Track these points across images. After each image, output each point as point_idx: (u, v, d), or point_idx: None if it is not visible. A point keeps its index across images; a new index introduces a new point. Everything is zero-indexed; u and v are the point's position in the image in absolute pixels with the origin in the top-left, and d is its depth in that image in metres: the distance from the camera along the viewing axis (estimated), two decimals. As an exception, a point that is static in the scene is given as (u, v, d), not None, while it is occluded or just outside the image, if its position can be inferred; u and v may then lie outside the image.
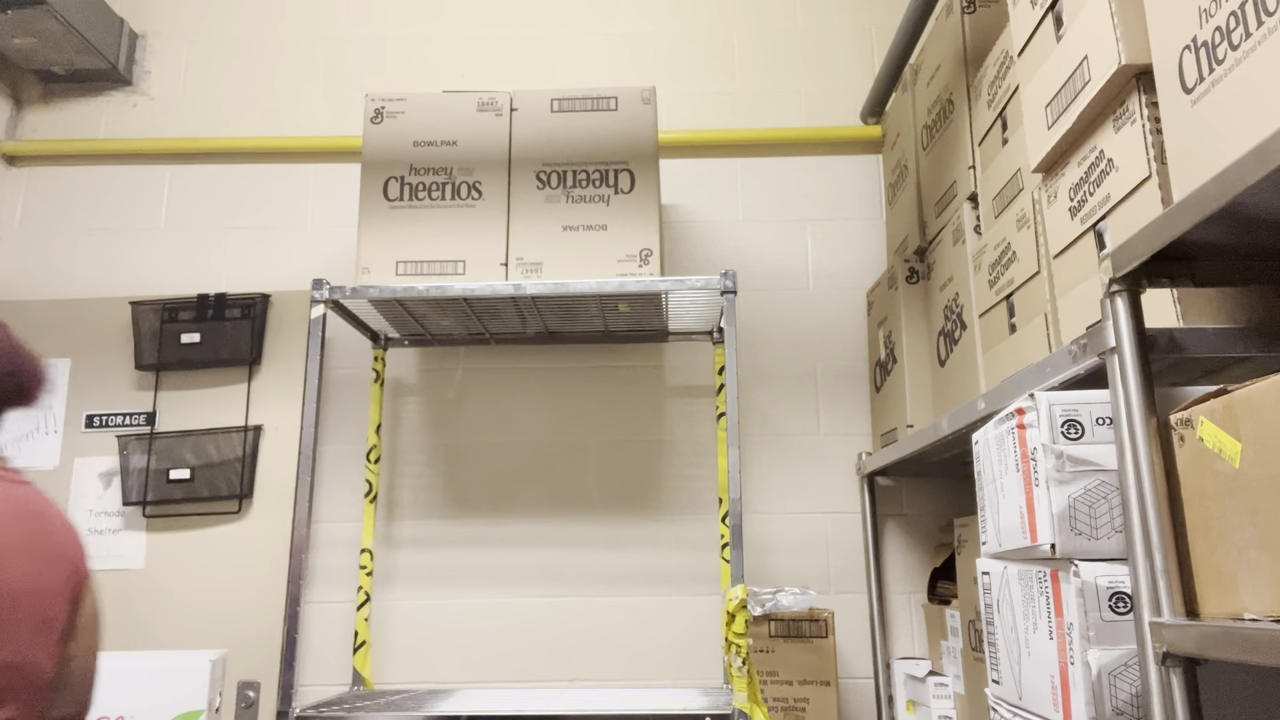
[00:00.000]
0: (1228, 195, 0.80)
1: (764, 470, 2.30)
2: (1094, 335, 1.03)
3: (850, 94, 2.50)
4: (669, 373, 2.37)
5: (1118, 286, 0.98)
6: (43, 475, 2.33)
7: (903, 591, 2.22)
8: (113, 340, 2.41)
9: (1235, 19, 0.84)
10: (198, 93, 2.60)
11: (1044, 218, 1.36)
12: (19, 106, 2.59)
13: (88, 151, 2.53)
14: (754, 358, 2.36)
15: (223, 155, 2.54)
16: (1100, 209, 1.16)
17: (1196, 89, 0.91)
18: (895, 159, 2.25)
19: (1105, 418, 1.05)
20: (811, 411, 2.34)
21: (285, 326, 2.41)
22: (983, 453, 1.26)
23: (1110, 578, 0.99)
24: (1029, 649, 1.12)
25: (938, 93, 1.90)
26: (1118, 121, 1.12)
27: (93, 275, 2.46)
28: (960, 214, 1.74)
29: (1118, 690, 0.97)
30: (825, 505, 2.28)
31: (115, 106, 2.59)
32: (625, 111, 2.07)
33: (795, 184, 2.48)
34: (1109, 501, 1.02)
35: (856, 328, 2.37)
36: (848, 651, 2.17)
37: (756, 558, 2.22)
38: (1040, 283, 1.37)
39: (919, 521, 2.26)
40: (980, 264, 1.63)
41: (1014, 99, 1.50)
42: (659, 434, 2.33)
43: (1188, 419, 0.91)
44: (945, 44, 1.87)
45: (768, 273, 2.41)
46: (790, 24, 2.59)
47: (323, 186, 2.51)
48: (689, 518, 2.27)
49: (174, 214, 2.51)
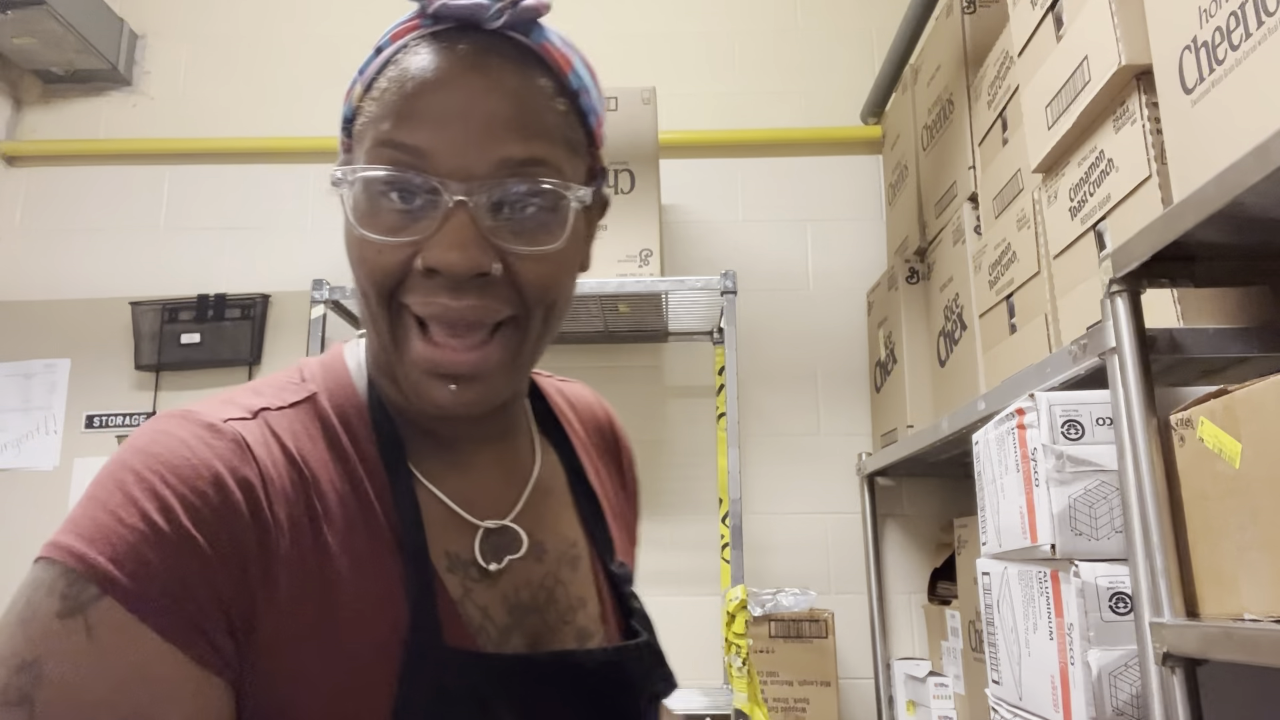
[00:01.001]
0: (1228, 195, 0.80)
1: (764, 470, 2.30)
2: (1094, 335, 1.03)
3: (850, 94, 2.50)
4: (669, 373, 2.37)
5: (1118, 287, 0.97)
6: (42, 476, 2.33)
7: (903, 591, 2.22)
8: (113, 340, 2.41)
9: (1235, 19, 0.84)
10: (197, 93, 2.60)
11: (1044, 218, 1.36)
12: (19, 106, 2.59)
13: (88, 151, 2.53)
14: (754, 358, 2.36)
15: (223, 155, 2.53)
16: (1100, 209, 1.16)
17: (1197, 89, 0.91)
18: (895, 159, 2.25)
19: (1105, 418, 1.05)
20: (811, 411, 2.34)
21: (285, 326, 2.41)
22: (983, 453, 1.26)
23: (1110, 578, 0.99)
24: (1029, 649, 1.12)
25: (938, 93, 1.90)
26: (1118, 122, 1.12)
27: (93, 275, 2.46)
28: (960, 214, 1.74)
29: (1118, 691, 0.97)
30: (825, 505, 2.28)
31: (115, 106, 2.59)
32: (625, 111, 2.07)
33: (795, 184, 2.48)
34: (1109, 502, 1.02)
35: (856, 328, 2.37)
36: (848, 652, 2.17)
37: (756, 558, 2.22)
38: (1040, 283, 1.37)
39: (919, 521, 2.26)
40: (980, 264, 1.63)
41: (1014, 99, 1.50)
42: (659, 434, 2.32)
43: (1188, 419, 0.91)
44: (945, 44, 1.87)
45: (768, 273, 2.41)
46: (790, 24, 2.59)
47: (323, 186, 2.51)
48: (689, 518, 2.27)
49: (173, 214, 2.51)
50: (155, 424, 0.57)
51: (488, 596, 0.63)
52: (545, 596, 0.66)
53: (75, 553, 0.51)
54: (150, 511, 0.52)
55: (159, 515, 0.52)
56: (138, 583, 0.50)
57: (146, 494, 0.52)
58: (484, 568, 0.64)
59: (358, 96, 0.63)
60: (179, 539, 0.52)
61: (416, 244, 0.57)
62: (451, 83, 0.58)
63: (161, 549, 0.51)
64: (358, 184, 0.59)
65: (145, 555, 0.51)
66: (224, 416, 0.58)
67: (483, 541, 0.65)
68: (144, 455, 0.54)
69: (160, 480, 0.53)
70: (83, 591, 0.49)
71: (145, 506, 0.52)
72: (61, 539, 0.52)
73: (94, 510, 0.52)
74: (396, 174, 0.57)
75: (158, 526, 0.51)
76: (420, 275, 0.58)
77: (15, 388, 2.38)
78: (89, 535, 0.51)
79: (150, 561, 0.51)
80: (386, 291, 0.59)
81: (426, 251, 0.57)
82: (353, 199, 0.59)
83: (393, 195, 0.58)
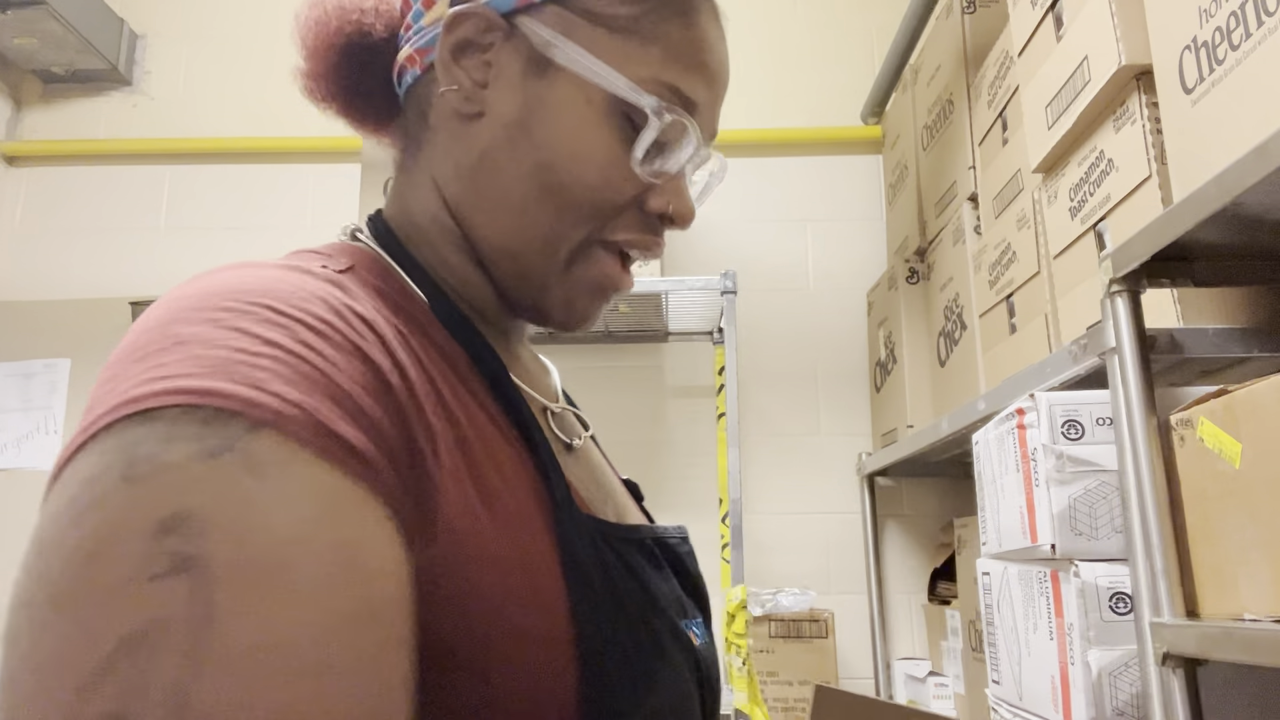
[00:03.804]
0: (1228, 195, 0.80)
1: (764, 470, 2.30)
2: (1094, 335, 1.03)
3: (850, 94, 2.50)
4: (669, 373, 2.37)
5: (1118, 287, 0.97)
6: (42, 476, 2.33)
7: (903, 591, 2.22)
8: (113, 340, 2.39)
9: (1235, 19, 0.84)
10: (197, 93, 2.60)
11: (1044, 218, 1.36)
12: (19, 106, 2.59)
13: (88, 151, 2.53)
14: (754, 358, 2.36)
15: (223, 155, 2.53)
16: (1100, 209, 1.16)
17: (1197, 89, 0.91)
18: (895, 159, 2.25)
19: (1105, 418, 1.05)
20: (811, 411, 2.34)
21: (285, 326, 2.41)
22: (983, 453, 1.26)
23: (1110, 578, 0.99)
24: (1029, 649, 1.12)
25: (938, 93, 1.90)
26: (1118, 122, 1.12)
27: (93, 275, 2.46)
28: (960, 214, 1.74)
29: (1118, 691, 0.97)
30: (825, 505, 2.28)
31: (115, 106, 2.59)
32: (625, 111, 2.06)
33: (795, 184, 2.48)
34: (1109, 502, 1.02)
35: (856, 328, 2.37)
36: (848, 651, 2.17)
37: (756, 558, 2.22)
38: (1040, 283, 1.37)
39: (919, 521, 2.26)
40: (980, 264, 1.63)
41: (1014, 99, 1.50)
42: (659, 434, 2.32)
43: (1188, 419, 0.91)
44: (945, 44, 1.87)
45: (768, 273, 2.41)
46: (790, 24, 2.59)
47: (323, 186, 2.51)
48: (689, 518, 2.27)
49: (174, 214, 2.51)
50: (210, 275, 0.44)
51: (576, 472, 0.62)
52: (604, 478, 0.67)
53: (190, 389, 0.37)
54: (279, 339, 0.40)
55: (290, 340, 0.40)
56: (302, 412, 0.38)
57: (262, 323, 0.40)
58: (568, 443, 0.64)
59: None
60: (330, 364, 0.41)
61: (650, 187, 0.59)
62: (720, 47, 0.62)
63: (312, 378, 0.39)
64: (666, 118, 0.57)
65: (297, 383, 0.39)
66: (299, 265, 0.48)
67: (552, 422, 0.65)
68: (228, 293, 0.42)
69: (271, 311, 0.41)
70: (225, 428, 0.36)
71: (267, 334, 0.40)
72: (149, 387, 0.37)
73: (179, 355, 0.38)
74: (696, 135, 0.59)
75: (295, 352, 0.40)
76: (638, 212, 0.59)
77: (15, 388, 2.38)
78: (196, 372, 0.37)
79: (306, 390, 0.39)
80: (604, 216, 0.58)
81: (675, 200, 0.60)
82: (651, 129, 0.57)
83: (680, 143, 0.59)
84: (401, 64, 0.63)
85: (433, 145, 0.61)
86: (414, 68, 0.61)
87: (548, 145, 0.56)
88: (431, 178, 0.61)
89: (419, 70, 0.61)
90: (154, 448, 0.35)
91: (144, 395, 0.37)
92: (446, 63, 0.58)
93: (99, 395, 0.39)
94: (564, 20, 0.57)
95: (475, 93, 0.58)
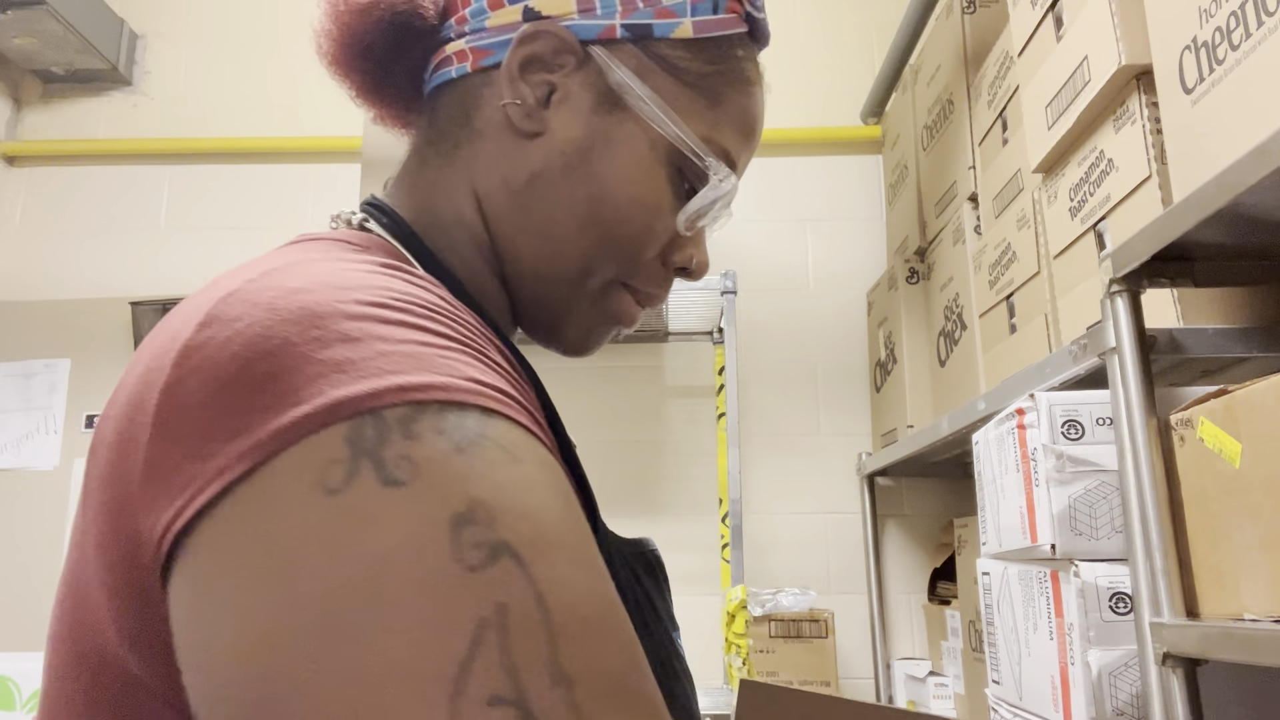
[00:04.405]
0: (1228, 195, 0.80)
1: (764, 470, 2.30)
2: (1094, 335, 1.03)
3: (850, 94, 2.50)
4: (669, 373, 2.37)
5: (1118, 287, 0.98)
6: (42, 476, 2.33)
7: (903, 591, 2.22)
8: (113, 340, 2.41)
9: (1235, 19, 0.84)
10: (197, 93, 2.60)
11: (1044, 218, 1.36)
12: (19, 106, 2.59)
13: (88, 151, 2.53)
14: (754, 358, 2.36)
15: (222, 155, 2.53)
16: (1100, 209, 1.16)
17: (1197, 89, 0.91)
18: (895, 159, 2.25)
19: (1105, 418, 1.05)
20: (811, 411, 2.34)
21: (285, 326, 2.41)
22: (983, 453, 1.26)
23: (1110, 578, 0.99)
24: (1029, 649, 1.12)
25: (938, 93, 1.90)
26: (1118, 122, 1.12)
27: (93, 275, 2.46)
28: (960, 214, 1.74)
29: (1118, 690, 0.97)
30: (825, 505, 2.28)
31: (115, 106, 2.59)
32: (625, 111, 2.06)
33: (795, 184, 2.48)
34: (1109, 502, 1.02)
35: (856, 328, 2.37)
36: (848, 651, 2.17)
37: (756, 558, 2.22)
38: (1040, 283, 1.37)
39: (919, 521, 2.26)
40: (980, 264, 1.63)
41: (1014, 99, 1.50)
42: (659, 434, 2.32)
43: (1188, 419, 0.91)
44: (945, 44, 1.87)
45: (768, 273, 2.41)
46: (790, 24, 2.59)
47: (323, 186, 2.51)
48: (689, 518, 2.27)
49: (174, 214, 2.51)
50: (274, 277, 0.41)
51: None
52: None
53: (406, 386, 0.36)
54: (437, 327, 0.40)
55: (446, 328, 0.40)
56: (495, 396, 0.39)
57: (417, 316, 0.40)
58: None
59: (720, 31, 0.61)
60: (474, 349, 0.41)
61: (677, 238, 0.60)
62: (763, 120, 0.66)
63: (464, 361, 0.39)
64: (725, 178, 0.60)
65: (483, 370, 0.39)
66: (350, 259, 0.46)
67: None
68: (344, 289, 0.39)
69: (406, 305, 0.40)
70: (461, 420, 0.36)
71: (425, 324, 0.39)
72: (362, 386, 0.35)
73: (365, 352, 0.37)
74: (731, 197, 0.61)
75: (460, 340, 0.40)
76: (659, 262, 0.61)
77: (15, 388, 2.38)
78: (389, 369, 0.36)
79: (473, 374, 0.39)
80: (637, 260, 0.59)
81: (698, 254, 0.62)
82: (712, 189, 0.60)
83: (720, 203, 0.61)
84: (448, 56, 0.59)
85: (475, 151, 0.58)
86: (463, 64, 0.58)
87: (604, 181, 0.56)
88: (470, 184, 0.58)
89: (468, 68, 0.58)
90: (404, 448, 0.35)
91: (361, 395, 0.35)
92: (513, 75, 0.56)
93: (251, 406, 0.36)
94: (640, 62, 0.57)
95: (536, 111, 0.57)
